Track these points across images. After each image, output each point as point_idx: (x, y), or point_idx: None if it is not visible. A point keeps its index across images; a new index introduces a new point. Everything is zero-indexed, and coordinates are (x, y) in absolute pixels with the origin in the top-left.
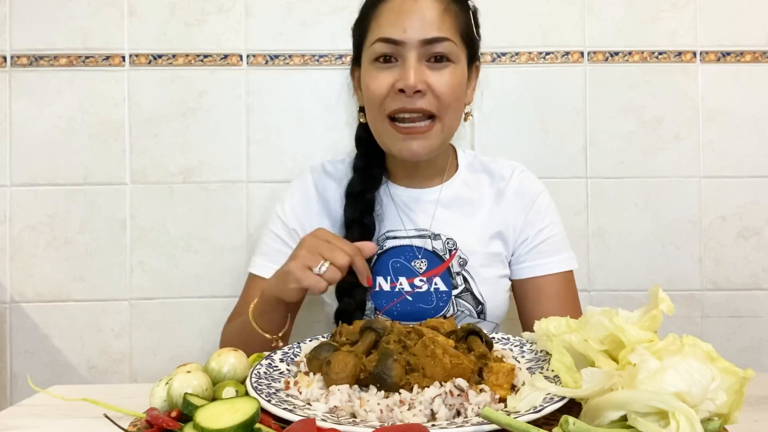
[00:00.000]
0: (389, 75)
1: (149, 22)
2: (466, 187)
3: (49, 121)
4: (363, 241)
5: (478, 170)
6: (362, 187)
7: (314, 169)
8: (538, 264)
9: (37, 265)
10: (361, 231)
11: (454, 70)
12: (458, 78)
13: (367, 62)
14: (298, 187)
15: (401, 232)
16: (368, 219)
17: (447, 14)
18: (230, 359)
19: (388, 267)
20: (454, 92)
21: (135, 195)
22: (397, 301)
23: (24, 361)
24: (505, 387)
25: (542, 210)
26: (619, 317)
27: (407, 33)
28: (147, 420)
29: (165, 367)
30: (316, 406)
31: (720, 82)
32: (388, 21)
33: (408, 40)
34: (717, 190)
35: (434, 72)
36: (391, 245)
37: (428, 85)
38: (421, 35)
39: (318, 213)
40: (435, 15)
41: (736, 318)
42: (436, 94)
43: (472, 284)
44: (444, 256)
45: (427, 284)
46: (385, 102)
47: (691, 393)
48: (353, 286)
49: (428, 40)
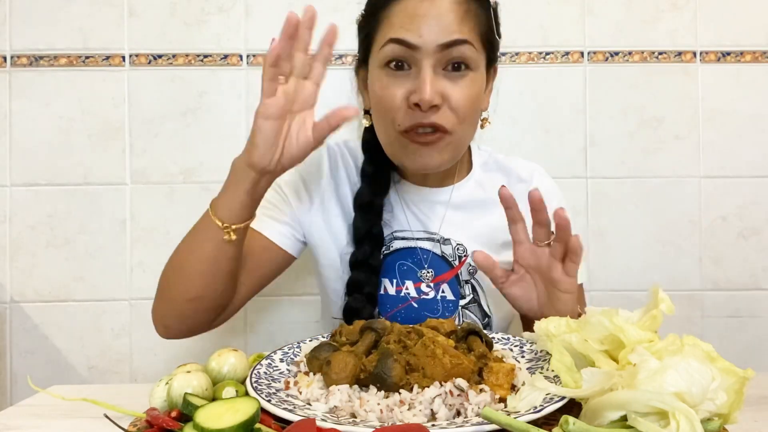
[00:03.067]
0: (402, 85)
1: (149, 22)
2: (480, 187)
3: (49, 121)
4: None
5: (492, 169)
6: (371, 197)
7: (330, 148)
8: None
9: (37, 265)
10: (372, 244)
11: (472, 79)
12: (477, 88)
13: (376, 65)
14: (312, 160)
15: (408, 232)
16: (377, 228)
17: (467, 16)
18: (230, 359)
19: (394, 269)
20: (472, 104)
21: (135, 195)
22: (402, 307)
23: (24, 361)
24: (505, 387)
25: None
26: (619, 317)
27: (423, 37)
28: (147, 420)
29: (165, 367)
30: (316, 406)
31: (720, 82)
32: (401, 22)
33: (423, 45)
34: (717, 190)
35: (451, 83)
36: (398, 246)
37: (444, 98)
38: (438, 39)
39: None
40: (454, 17)
41: (736, 318)
42: (453, 108)
43: (480, 295)
44: (453, 262)
45: (434, 291)
46: (397, 116)
47: (691, 393)
48: (363, 282)
49: (447, 44)
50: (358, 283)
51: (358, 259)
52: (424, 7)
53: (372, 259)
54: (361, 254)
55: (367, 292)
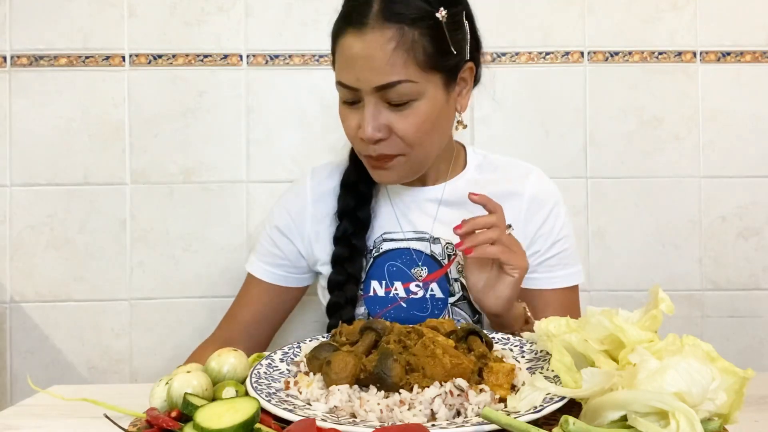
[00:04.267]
0: (354, 118)
1: (149, 22)
2: (473, 185)
3: (49, 121)
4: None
5: (487, 170)
6: (357, 177)
7: (315, 171)
8: (549, 277)
9: (37, 265)
10: (354, 223)
11: (419, 107)
12: (426, 112)
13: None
14: (296, 192)
15: (398, 234)
16: (363, 212)
17: (398, 51)
18: (230, 359)
19: (383, 270)
20: (421, 129)
21: (135, 195)
22: (390, 307)
23: (24, 361)
24: (505, 387)
25: (558, 222)
26: (619, 317)
27: (360, 80)
28: (147, 420)
29: (165, 367)
30: (316, 406)
31: (720, 82)
32: (342, 66)
33: (361, 87)
34: (717, 190)
35: (396, 114)
36: (387, 248)
37: (390, 129)
38: (372, 81)
39: (316, 217)
40: (383, 57)
41: (736, 318)
42: (400, 137)
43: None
44: (443, 261)
45: (423, 290)
46: (354, 142)
47: (691, 393)
48: (344, 281)
49: (381, 86)
50: (341, 259)
51: (341, 234)
52: (356, 48)
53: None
54: (342, 229)
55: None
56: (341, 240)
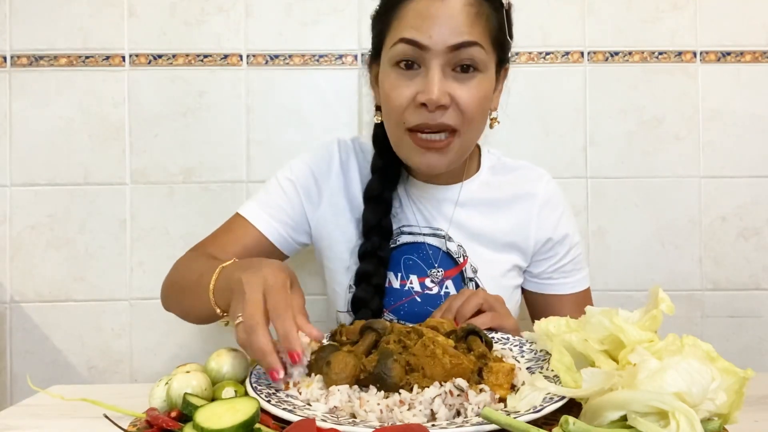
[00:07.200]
0: (411, 84)
1: (149, 22)
2: (486, 187)
3: (49, 121)
4: (310, 329)
5: (500, 173)
6: (381, 189)
7: (342, 143)
8: (563, 283)
9: (37, 265)
10: (380, 236)
11: (481, 80)
12: (485, 89)
13: (387, 63)
14: (323, 156)
15: (415, 228)
16: (385, 221)
17: (478, 17)
18: (230, 359)
19: (399, 263)
20: (480, 105)
21: (135, 195)
22: (405, 301)
23: (24, 361)
24: (505, 387)
25: (570, 230)
26: (619, 317)
27: (433, 38)
28: (147, 420)
29: (165, 367)
30: (316, 406)
31: (720, 82)
32: (412, 22)
33: (433, 46)
34: (717, 190)
35: (459, 84)
36: (404, 240)
37: (452, 99)
38: (448, 41)
39: (337, 189)
40: (465, 18)
41: (736, 318)
42: (461, 109)
43: None
44: (458, 259)
45: (438, 286)
46: (405, 114)
47: (691, 393)
48: (372, 273)
49: (456, 45)
50: (367, 274)
51: (368, 250)
52: (435, 7)
53: (381, 250)
54: (370, 245)
55: (375, 284)
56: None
